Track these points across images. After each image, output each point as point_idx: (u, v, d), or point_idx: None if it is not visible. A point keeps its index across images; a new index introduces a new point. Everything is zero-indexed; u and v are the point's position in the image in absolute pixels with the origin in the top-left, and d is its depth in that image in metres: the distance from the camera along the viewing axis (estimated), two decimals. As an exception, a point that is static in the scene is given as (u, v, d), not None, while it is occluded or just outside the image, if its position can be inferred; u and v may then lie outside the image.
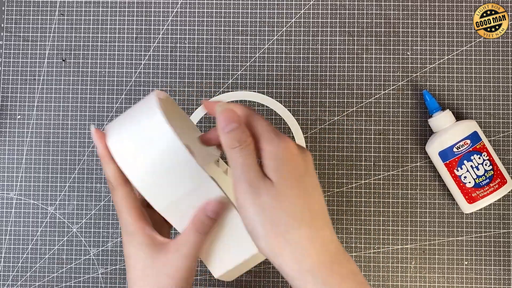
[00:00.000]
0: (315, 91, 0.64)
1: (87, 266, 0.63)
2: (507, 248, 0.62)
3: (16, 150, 0.64)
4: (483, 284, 0.62)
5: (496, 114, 0.63)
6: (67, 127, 0.64)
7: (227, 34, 0.65)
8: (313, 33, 0.64)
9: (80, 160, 0.64)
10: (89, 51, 0.65)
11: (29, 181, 0.64)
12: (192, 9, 0.65)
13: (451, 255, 0.62)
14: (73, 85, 0.65)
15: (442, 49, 0.64)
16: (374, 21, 0.64)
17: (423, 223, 0.62)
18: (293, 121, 0.63)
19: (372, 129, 0.63)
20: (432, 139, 0.61)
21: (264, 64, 0.64)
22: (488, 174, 0.59)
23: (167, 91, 0.64)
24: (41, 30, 0.65)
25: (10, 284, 0.63)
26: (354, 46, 0.64)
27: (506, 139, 0.63)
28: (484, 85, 0.63)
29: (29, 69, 0.65)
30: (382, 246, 0.62)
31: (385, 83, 0.64)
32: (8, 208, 0.64)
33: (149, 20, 0.65)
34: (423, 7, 0.64)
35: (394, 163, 0.63)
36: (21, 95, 0.65)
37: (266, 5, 0.65)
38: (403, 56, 0.64)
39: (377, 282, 0.62)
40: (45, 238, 0.64)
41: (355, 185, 0.63)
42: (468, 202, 0.60)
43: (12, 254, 0.63)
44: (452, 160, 0.59)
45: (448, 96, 0.63)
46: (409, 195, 0.63)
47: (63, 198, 0.64)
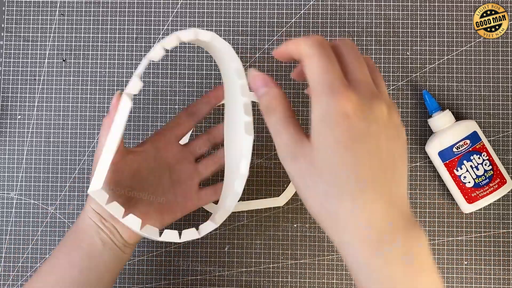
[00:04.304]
0: (315, 91, 0.64)
1: (87, 266, 0.63)
2: (507, 248, 0.62)
3: (16, 150, 0.64)
4: (483, 284, 0.62)
5: (496, 114, 0.63)
6: (67, 127, 0.64)
7: (227, 34, 0.65)
8: (313, 33, 0.64)
9: (80, 160, 0.64)
10: (89, 51, 0.65)
11: (29, 181, 0.64)
12: (192, 9, 0.65)
13: (451, 255, 0.62)
14: (73, 85, 0.65)
15: (442, 49, 0.64)
16: (374, 21, 0.64)
17: (423, 223, 0.62)
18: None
19: (372, 129, 0.63)
20: (432, 139, 0.61)
21: (264, 64, 0.64)
22: (488, 174, 0.59)
23: (167, 91, 0.64)
24: (41, 30, 0.65)
25: (10, 284, 0.63)
26: (354, 46, 0.64)
27: (506, 139, 0.63)
28: (484, 85, 0.63)
29: (29, 69, 0.65)
30: (382, 246, 0.62)
31: (385, 83, 0.63)
32: (8, 208, 0.64)
33: (149, 20, 0.65)
34: (423, 7, 0.64)
35: (394, 163, 0.63)
36: (21, 95, 0.65)
37: (266, 5, 0.65)
38: (403, 56, 0.64)
39: (377, 282, 0.62)
40: (45, 238, 0.64)
41: (355, 185, 0.63)
42: (467, 202, 0.60)
43: (12, 254, 0.64)
44: (452, 160, 0.59)
45: (448, 96, 0.63)
46: (409, 195, 0.63)
47: (63, 198, 0.64)
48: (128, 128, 0.64)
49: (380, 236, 0.34)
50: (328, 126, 0.35)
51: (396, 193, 0.35)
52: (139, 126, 0.64)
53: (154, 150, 0.53)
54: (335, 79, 0.35)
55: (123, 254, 0.50)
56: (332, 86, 0.35)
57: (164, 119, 0.64)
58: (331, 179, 0.34)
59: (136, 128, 0.64)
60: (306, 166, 0.35)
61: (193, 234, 0.46)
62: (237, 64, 0.46)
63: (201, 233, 0.47)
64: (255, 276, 0.63)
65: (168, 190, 0.53)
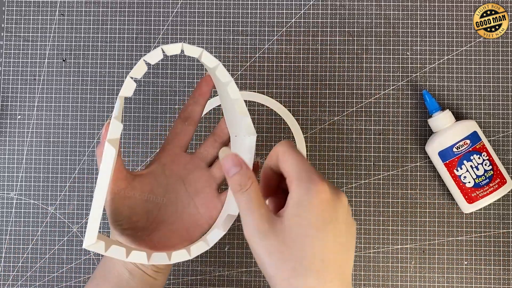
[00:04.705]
0: (315, 91, 0.64)
1: (87, 266, 0.63)
2: (507, 248, 0.62)
3: (16, 150, 0.64)
4: (483, 284, 0.62)
5: (496, 114, 0.63)
6: (67, 127, 0.64)
7: (227, 34, 0.65)
8: (313, 33, 0.64)
9: (80, 160, 0.64)
10: (89, 51, 0.65)
11: (29, 181, 0.64)
12: (192, 9, 0.65)
13: (451, 255, 0.62)
14: (73, 85, 0.65)
15: (442, 49, 0.64)
16: (374, 21, 0.64)
17: (423, 223, 0.62)
18: (293, 121, 0.63)
19: (372, 129, 0.63)
20: (432, 139, 0.61)
21: (264, 64, 0.64)
22: (488, 174, 0.59)
23: (167, 92, 0.64)
24: (41, 30, 0.65)
25: (10, 284, 0.63)
26: (354, 46, 0.64)
27: (506, 139, 0.63)
28: (484, 85, 0.63)
29: (29, 69, 0.65)
30: (382, 246, 0.63)
31: (385, 83, 0.64)
32: (8, 208, 0.64)
33: (149, 20, 0.65)
34: (423, 7, 0.64)
35: (394, 163, 0.63)
36: (21, 95, 0.65)
37: (266, 5, 0.65)
38: (403, 56, 0.64)
39: (377, 282, 0.62)
40: (45, 238, 0.64)
41: (355, 185, 0.63)
42: (468, 202, 0.60)
43: (12, 254, 0.64)
44: (452, 160, 0.59)
45: (448, 96, 0.63)
46: (409, 195, 0.63)
47: (63, 198, 0.64)
48: (128, 128, 0.64)
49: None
50: (305, 209, 0.38)
51: (347, 271, 0.40)
52: (139, 126, 0.64)
53: (161, 167, 0.51)
54: (312, 170, 0.39)
55: (154, 280, 0.49)
56: (312, 174, 0.39)
57: (164, 119, 0.64)
58: (300, 257, 0.38)
59: (136, 128, 0.64)
60: (276, 243, 0.38)
61: (184, 255, 0.45)
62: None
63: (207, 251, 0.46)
64: (255, 276, 0.63)
65: (188, 204, 0.51)
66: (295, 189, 0.39)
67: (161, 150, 0.52)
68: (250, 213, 0.39)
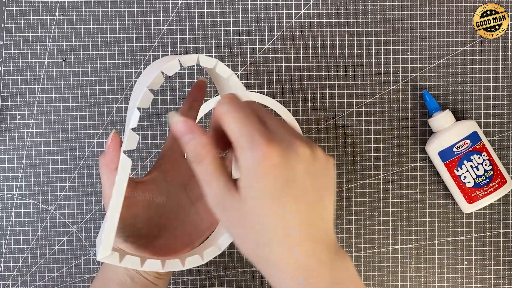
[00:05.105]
0: (315, 91, 0.64)
1: (87, 266, 0.63)
2: (507, 248, 0.62)
3: (16, 150, 0.64)
4: (483, 284, 0.62)
5: (496, 114, 0.63)
6: (67, 127, 0.64)
7: (227, 34, 0.65)
8: (313, 33, 0.64)
9: (80, 160, 0.64)
10: (89, 51, 0.65)
11: (29, 181, 0.64)
12: (192, 9, 0.65)
13: (451, 255, 0.62)
14: (73, 85, 0.65)
15: (442, 49, 0.64)
16: (374, 21, 0.64)
17: (423, 223, 0.63)
18: (293, 121, 0.63)
19: (372, 129, 0.63)
20: (432, 139, 0.61)
21: (264, 64, 0.64)
22: (488, 174, 0.59)
23: (167, 92, 0.64)
24: (41, 30, 0.65)
25: (10, 284, 0.63)
26: (354, 46, 0.64)
27: (506, 139, 0.63)
28: (484, 85, 0.63)
29: (29, 69, 0.65)
30: (382, 246, 0.63)
31: (385, 83, 0.64)
32: (8, 208, 0.64)
33: (149, 20, 0.65)
34: (423, 7, 0.64)
35: (394, 163, 0.63)
36: (21, 95, 0.65)
37: (266, 5, 0.65)
38: (403, 56, 0.64)
39: (377, 282, 0.62)
40: (45, 238, 0.64)
41: (355, 185, 0.63)
42: (468, 202, 0.60)
43: (12, 254, 0.64)
44: (452, 160, 0.59)
45: (448, 96, 0.63)
46: (409, 195, 0.63)
47: (63, 198, 0.64)
48: (128, 128, 0.64)
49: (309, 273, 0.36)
50: (255, 179, 0.35)
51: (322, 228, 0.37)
52: (139, 126, 0.64)
53: (162, 174, 0.50)
54: (254, 132, 0.35)
55: (155, 286, 0.49)
56: (253, 139, 0.35)
57: (164, 119, 0.64)
58: (260, 229, 0.36)
59: (136, 128, 0.64)
60: (236, 217, 0.36)
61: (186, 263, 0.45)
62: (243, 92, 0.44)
63: (205, 260, 0.45)
64: (255, 276, 0.63)
65: (190, 210, 0.50)
66: (239, 158, 0.35)
67: (161, 157, 0.52)
68: (208, 184, 0.37)
